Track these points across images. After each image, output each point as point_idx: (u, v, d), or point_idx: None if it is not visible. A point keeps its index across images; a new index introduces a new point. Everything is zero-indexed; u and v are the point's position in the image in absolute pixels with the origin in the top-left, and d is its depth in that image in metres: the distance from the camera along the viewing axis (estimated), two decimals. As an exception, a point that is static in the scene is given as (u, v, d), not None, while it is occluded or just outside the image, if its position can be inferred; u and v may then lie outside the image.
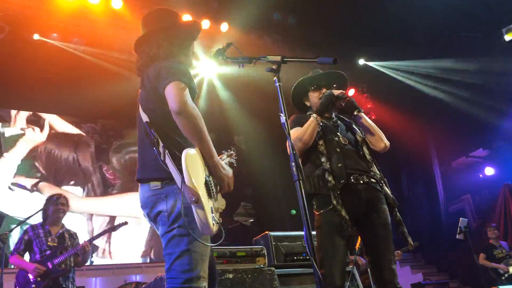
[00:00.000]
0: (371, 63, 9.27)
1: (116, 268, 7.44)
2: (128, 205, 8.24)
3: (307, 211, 1.79)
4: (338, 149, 2.79)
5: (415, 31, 8.24)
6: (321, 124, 2.83)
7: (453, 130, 9.45)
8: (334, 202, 2.58)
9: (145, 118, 2.13)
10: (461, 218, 6.49)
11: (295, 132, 2.85)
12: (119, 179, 8.51)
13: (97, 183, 8.31)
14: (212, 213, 1.96)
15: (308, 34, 8.35)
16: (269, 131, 8.49)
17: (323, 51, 8.58)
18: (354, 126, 3.06)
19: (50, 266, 4.24)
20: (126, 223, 4.97)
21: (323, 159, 2.73)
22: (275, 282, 3.57)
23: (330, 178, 2.64)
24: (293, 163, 1.86)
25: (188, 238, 1.97)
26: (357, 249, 5.12)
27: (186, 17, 7.24)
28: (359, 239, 4.75)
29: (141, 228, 8.23)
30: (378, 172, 2.85)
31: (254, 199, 9.70)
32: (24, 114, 8.08)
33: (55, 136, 8.25)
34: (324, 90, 2.98)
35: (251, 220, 8.11)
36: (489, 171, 9.66)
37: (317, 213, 2.73)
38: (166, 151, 1.98)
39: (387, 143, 3.00)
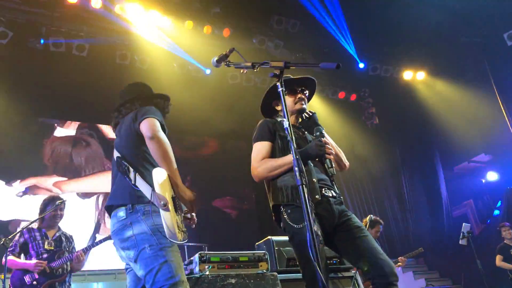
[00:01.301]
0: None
1: (118, 273, 7.41)
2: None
3: (310, 215, 1.79)
4: (311, 163, 2.73)
5: (416, 35, 8.25)
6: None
7: (455, 135, 9.44)
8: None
9: (117, 154, 2.50)
10: (464, 224, 6.48)
11: (258, 150, 2.77)
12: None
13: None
14: (178, 223, 2.23)
15: (308, 40, 8.38)
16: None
17: (325, 56, 8.63)
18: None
19: (48, 270, 4.20)
20: None
21: (296, 169, 2.67)
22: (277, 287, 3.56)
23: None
24: (296, 168, 1.86)
25: (163, 252, 2.20)
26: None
27: (189, 24, 7.31)
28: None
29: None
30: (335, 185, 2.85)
31: (256, 203, 9.69)
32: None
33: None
34: (299, 95, 2.89)
35: None
36: (492, 176, 9.64)
37: (297, 226, 2.60)
38: (137, 174, 2.33)
39: (347, 164, 3.02)
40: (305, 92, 2.96)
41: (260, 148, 2.81)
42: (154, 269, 2.18)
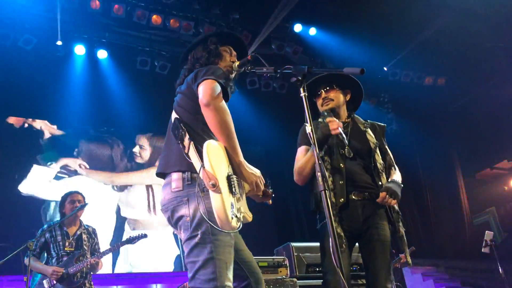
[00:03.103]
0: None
1: (137, 277, 7.48)
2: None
3: (333, 222, 1.78)
4: (341, 164, 2.70)
5: (439, 41, 8.16)
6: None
7: (477, 141, 9.28)
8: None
9: (175, 116, 2.21)
10: (486, 231, 6.35)
11: (300, 156, 2.83)
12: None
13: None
14: (233, 208, 1.92)
15: (328, 45, 8.36)
16: (290, 137, 8.47)
17: (344, 62, 8.58)
18: (369, 130, 2.90)
19: (65, 276, 4.18)
20: (145, 235, 4.73)
21: (328, 174, 2.66)
22: (297, 293, 3.54)
23: (330, 196, 2.58)
24: (318, 173, 1.85)
25: (212, 245, 1.93)
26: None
27: (207, 29, 7.36)
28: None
29: (163, 237, 8.30)
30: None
31: (275, 208, 9.66)
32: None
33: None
34: (323, 95, 2.89)
35: None
36: (515, 183, 9.46)
37: (318, 227, 2.75)
38: (191, 143, 2.01)
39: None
40: (329, 90, 2.92)
41: (297, 154, 2.87)
42: (197, 263, 1.94)
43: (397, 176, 2.82)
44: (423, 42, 8.14)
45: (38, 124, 8.08)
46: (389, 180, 2.75)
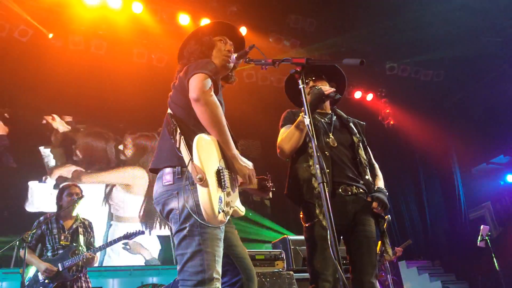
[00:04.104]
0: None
1: (134, 270, 7.47)
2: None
3: (331, 215, 1.76)
4: (326, 152, 2.66)
5: (434, 35, 8.15)
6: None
7: (473, 136, 9.30)
8: (317, 212, 2.52)
9: (169, 111, 2.22)
10: (482, 226, 6.38)
11: (283, 133, 2.78)
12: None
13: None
14: (221, 203, 1.92)
15: (325, 38, 8.34)
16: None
17: (342, 56, 8.56)
18: (352, 125, 2.92)
19: (61, 268, 4.14)
20: (142, 232, 4.66)
21: (311, 162, 2.63)
22: (293, 287, 3.55)
23: (316, 185, 2.53)
24: (317, 165, 1.83)
25: (200, 238, 1.94)
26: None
27: (205, 22, 7.33)
28: (379, 243, 4.68)
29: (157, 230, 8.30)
30: (370, 178, 2.76)
31: (271, 202, 9.67)
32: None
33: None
34: (311, 84, 2.90)
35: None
36: (511, 178, 9.48)
37: (306, 224, 2.66)
38: (182, 138, 2.02)
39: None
40: (317, 80, 2.95)
41: (285, 129, 2.81)
42: (185, 256, 1.95)
43: (381, 181, 2.84)
44: (419, 36, 8.12)
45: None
46: (376, 187, 2.75)
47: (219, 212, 1.89)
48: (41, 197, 7.58)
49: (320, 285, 2.47)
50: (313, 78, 2.93)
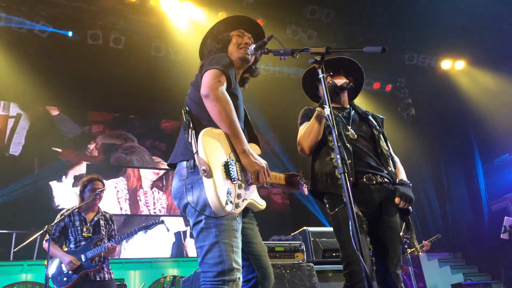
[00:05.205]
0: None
1: (154, 262, 7.57)
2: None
3: (353, 205, 1.74)
4: (348, 145, 2.65)
5: (455, 23, 7.97)
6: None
7: (496, 126, 9.10)
8: (343, 199, 2.48)
9: (186, 106, 2.25)
10: (506, 217, 6.26)
11: (302, 129, 2.79)
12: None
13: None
14: (229, 194, 1.94)
15: (343, 30, 8.24)
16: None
17: (360, 46, 8.44)
18: (371, 118, 2.91)
19: (83, 259, 4.19)
20: (162, 221, 4.70)
21: (332, 155, 2.62)
22: (314, 278, 3.53)
23: (339, 176, 2.52)
24: (338, 156, 1.81)
25: (217, 230, 1.96)
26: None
27: (221, 15, 7.31)
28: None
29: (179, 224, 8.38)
30: (393, 169, 2.73)
31: (290, 194, 9.68)
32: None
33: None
34: (328, 79, 2.86)
35: None
36: (534, 168, 9.28)
37: (331, 212, 2.64)
38: (193, 132, 2.05)
39: None
40: (334, 75, 2.94)
41: (304, 126, 2.82)
42: (204, 248, 1.98)
43: (403, 174, 2.82)
44: (439, 25, 7.97)
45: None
46: (398, 180, 2.73)
47: (226, 204, 1.91)
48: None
49: (354, 269, 2.44)
50: (331, 73, 2.93)
